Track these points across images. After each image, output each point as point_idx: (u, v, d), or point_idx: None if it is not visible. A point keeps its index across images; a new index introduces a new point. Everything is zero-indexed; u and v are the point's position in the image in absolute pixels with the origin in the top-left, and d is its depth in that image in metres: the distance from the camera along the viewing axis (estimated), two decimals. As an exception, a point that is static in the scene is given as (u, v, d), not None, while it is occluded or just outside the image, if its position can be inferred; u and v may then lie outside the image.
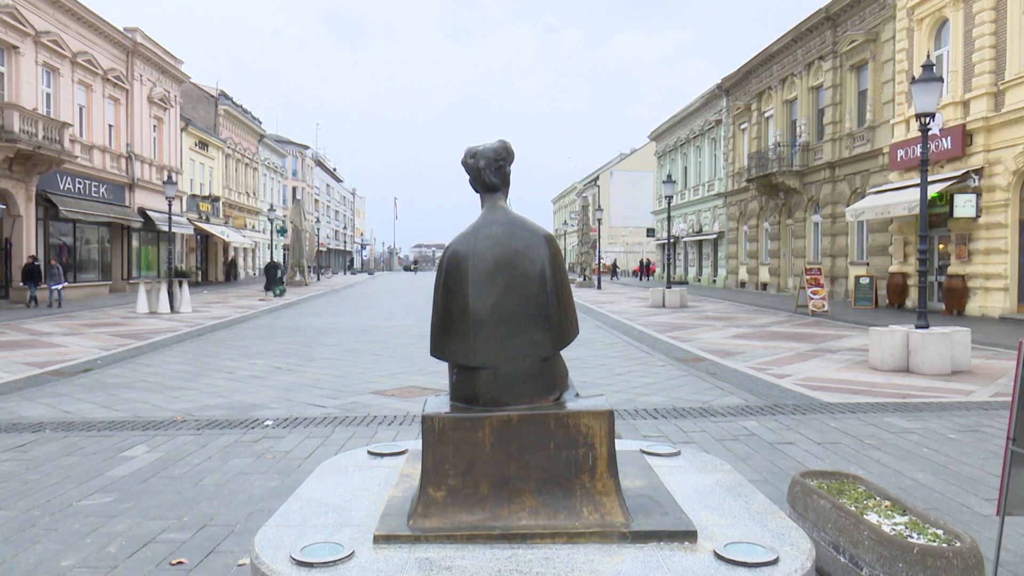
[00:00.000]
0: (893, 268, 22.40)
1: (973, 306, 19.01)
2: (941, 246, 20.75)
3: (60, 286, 23.42)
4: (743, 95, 35.84)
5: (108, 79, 30.75)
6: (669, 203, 27.69)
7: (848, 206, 24.36)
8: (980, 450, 6.15)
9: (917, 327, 10.54)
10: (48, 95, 26.70)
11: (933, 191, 18.42)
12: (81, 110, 29.02)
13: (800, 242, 29.70)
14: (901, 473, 5.48)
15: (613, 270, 66.10)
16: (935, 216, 19.66)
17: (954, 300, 19.40)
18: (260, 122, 58.57)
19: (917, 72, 15.77)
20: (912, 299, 21.38)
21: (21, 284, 23.73)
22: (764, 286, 33.31)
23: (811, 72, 28.70)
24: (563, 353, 3.04)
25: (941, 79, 11.42)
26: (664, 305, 23.89)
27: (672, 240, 36.92)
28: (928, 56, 12.94)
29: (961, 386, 9.23)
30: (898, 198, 20.09)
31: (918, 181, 13.65)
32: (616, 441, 2.97)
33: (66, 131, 25.46)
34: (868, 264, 24.44)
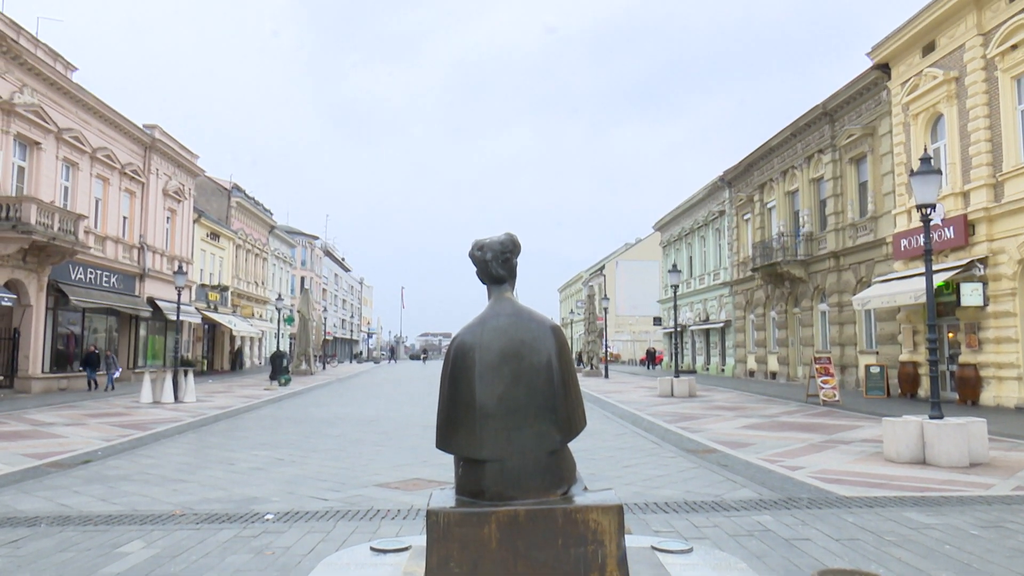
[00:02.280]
0: (903, 357, 22.22)
1: (987, 396, 18.73)
2: (951, 335, 20.62)
3: (117, 373, 24.61)
4: (745, 187, 36.50)
5: (125, 173, 31.59)
6: (675, 292, 27.80)
7: (854, 295, 24.40)
8: (1005, 547, 5.93)
9: (931, 418, 10.35)
10: (66, 188, 27.38)
11: (939, 280, 18.46)
12: (97, 202, 29.68)
13: (808, 331, 29.61)
14: (923, 572, 5.27)
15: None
16: (943, 305, 19.64)
17: (967, 390, 19.14)
18: (271, 213, 59.72)
19: (915, 165, 16.09)
20: (924, 388, 21.11)
21: (80, 369, 27.29)
22: (773, 375, 33.01)
23: (811, 165, 29.29)
24: (570, 445, 2.99)
25: (940, 172, 11.63)
26: (673, 395, 23.64)
27: (679, 329, 36.85)
28: (925, 150, 13.23)
29: (980, 479, 8.98)
30: (904, 287, 20.12)
31: (923, 270, 13.71)
32: (626, 537, 2.87)
33: (81, 223, 25.97)
34: (878, 353, 24.26)
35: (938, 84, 20.59)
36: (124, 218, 32.11)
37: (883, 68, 23.50)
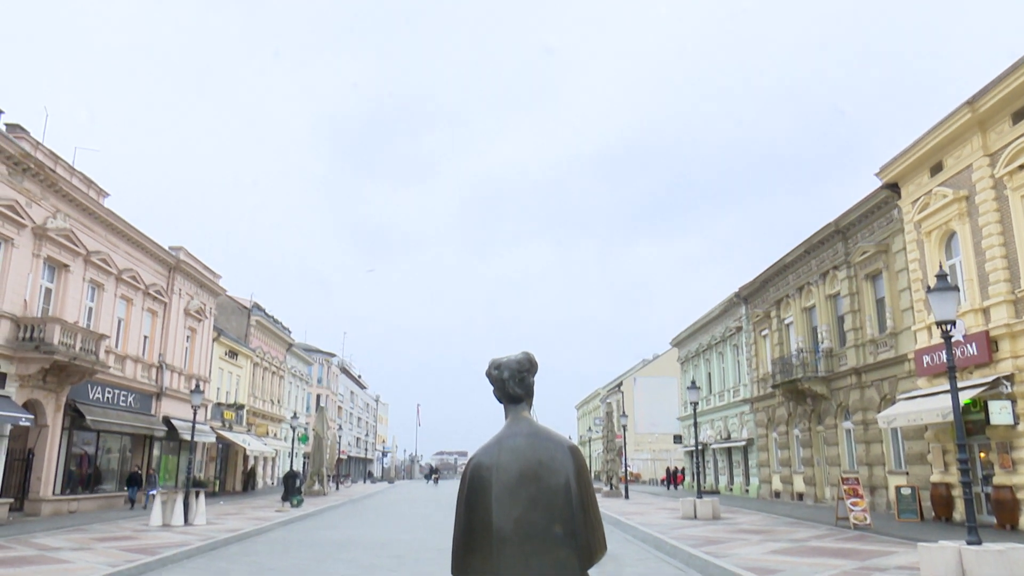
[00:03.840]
0: (935, 478, 21.45)
1: (1026, 519, 17.91)
2: (983, 454, 19.96)
3: (154, 492, 24.65)
4: (761, 303, 36.56)
5: (149, 293, 32.23)
6: (695, 409, 27.35)
7: (879, 413, 23.87)
8: None
9: (969, 543, 9.88)
10: (90, 308, 27.90)
11: (965, 398, 18.06)
12: (120, 322, 30.14)
13: (833, 449, 28.81)
14: None
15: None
16: (971, 423, 19.13)
17: (1005, 513, 18.31)
18: (289, 331, 60.27)
19: (932, 282, 16.10)
20: (959, 511, 20.24)
21: (124, 488, 28.88)
22: (800, 496, 31.88)
23: (827, 281, 29.40)
24: (590, 570, 2.87)
25: (956, 288, 11.62)
26: (696, 516, 22.79)
27: (700, 447, 36.00)
28: (940, 267, 13.28)
29: (1028, 611, 8.45)
30: (929, 405, 19.69)
31: (948, 387, 13.45)
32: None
33: (103, 343, 26.28)
34: (908, 473, 23.46)
35: (949, 203, 20.89)
36: (145, 337, 32.49)
37: (893, 187, 23.95)
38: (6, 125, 23.83)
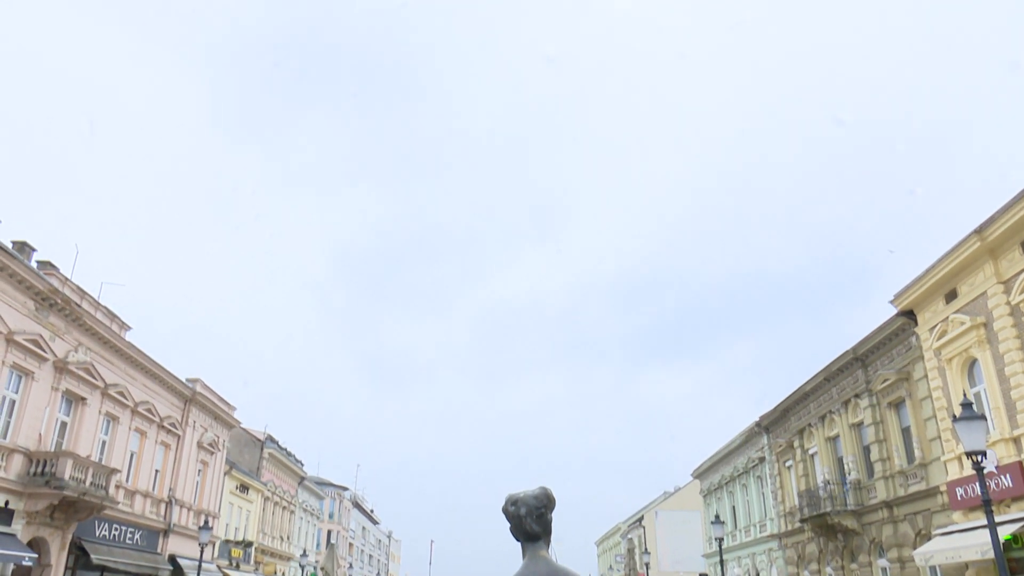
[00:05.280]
0: (980, 621, 20.11)
1: (1085, 668, 16.61)
2: (1029, 595, 18.80)
3: None
4: (783, 432, 35.71)
5: (163, 426, 32.04)
6: (720, 545, 26.19)
7: (915, 549, 22.71)
8: None
9: None
10: (104, 442, 27.69)
11: (1005, 533, 17.21)
12: (132, 456, 29.81)
13: (869, 590, 27.22)
14: None
15: None
16: (1014, 561, 18.14)
17: (1060, 661, 17.03)
18: (302, 464, 59.22)
19: (957, 411, 15.74)
20: (1011, 659, 18.83)
21: None
22: (837, 643, 29.83)
23: (849, 409, 28.80)
24: None
25: (983, 417, 11.36)
26: (727, 666, 21.31)
27: (728, 588, 34.17)
28: (964, 395, 13.04)
29: None
30: (967, 540, 18.75)
31: (984, 522, 12.85)
32: None
33: (113, 477, 25.90)
34: (951, 616, 22.02)
35: (967, 330, 20.73)
36: (156, 471, 32.01)
37: (908, 314, 23.87)
38: (38, 263, 24.60)
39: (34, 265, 24.15)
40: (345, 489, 78.78)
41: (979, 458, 10.75)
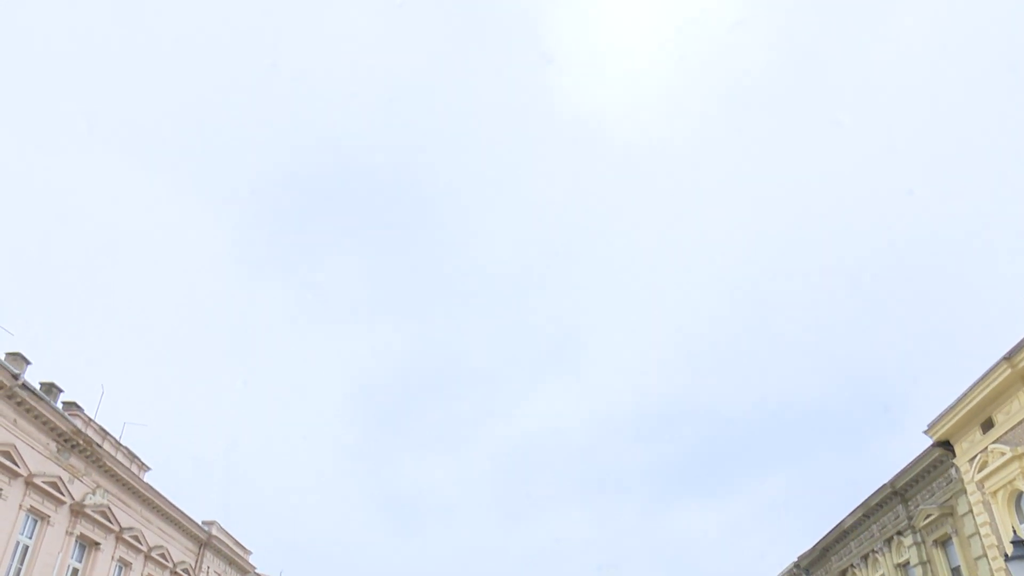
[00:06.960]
0: None
1: None
2: None
3: None
4: (824, 573, 33.78)
5: (176, 572, 30.97)
6: None
7: None
8: None
9: None
10: (115, 590, 26.75)
11: None
12: (143, 605, 28.68)
13: None
14: None
15: None
16: None
17: None
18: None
19: (1009, 549, 14.89)
20: None
21: None
22: None
23: (893, 548, 27.32)
24: None
25: (1039, 555, 10.71)
26: None
27: None
28: (1014, 531, 12.38)
29: None
30: None
31: (1054, 674, 11.82)
32: None
33: (122, 628, 24.83)
34: None
35: (1008, 460, 19.93)
36: (167, 622, 30.66)
37: (945, 444, 23.08)
38: (63, 403, 24.72)
39: (59, 406, 24.26)
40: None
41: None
